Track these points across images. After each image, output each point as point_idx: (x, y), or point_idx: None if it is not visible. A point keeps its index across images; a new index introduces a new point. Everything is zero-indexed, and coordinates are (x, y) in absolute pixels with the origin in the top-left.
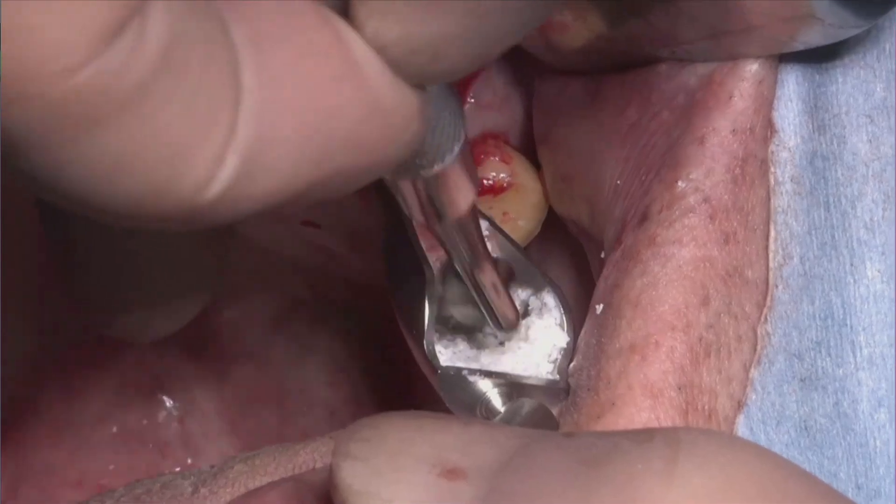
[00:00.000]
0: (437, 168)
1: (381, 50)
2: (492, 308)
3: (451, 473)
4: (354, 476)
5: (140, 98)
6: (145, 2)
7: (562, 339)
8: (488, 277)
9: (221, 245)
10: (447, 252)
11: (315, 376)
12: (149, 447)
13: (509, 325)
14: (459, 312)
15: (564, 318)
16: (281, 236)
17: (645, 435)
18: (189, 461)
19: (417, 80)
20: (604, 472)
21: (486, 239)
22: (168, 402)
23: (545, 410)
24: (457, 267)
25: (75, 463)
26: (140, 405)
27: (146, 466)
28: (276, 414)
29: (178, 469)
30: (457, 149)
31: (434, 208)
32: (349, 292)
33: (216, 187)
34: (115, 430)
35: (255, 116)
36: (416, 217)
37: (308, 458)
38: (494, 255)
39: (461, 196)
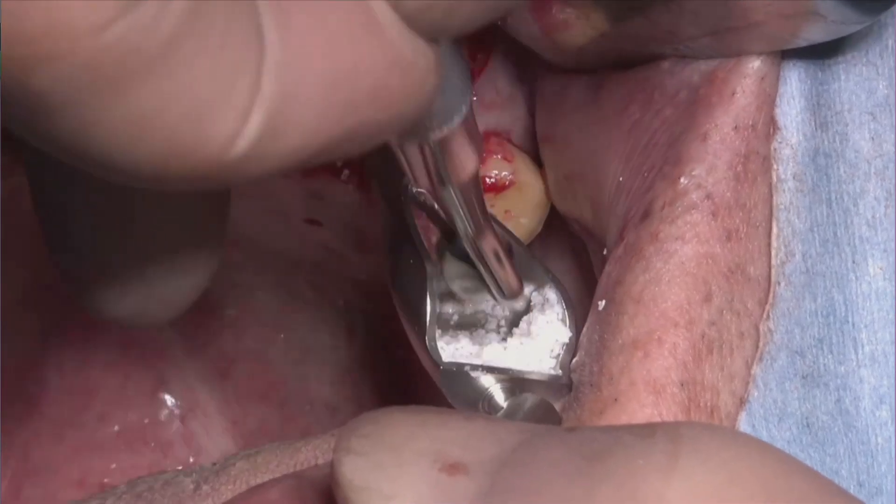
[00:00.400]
0: (445, 129)
1: (396, 6)
2: (494, 276)
3: (453, 468)
4: (355, 471)
5: (167, 55)
6: None
7: (564, 334)
8: (490, 244)
9: (218, 231)
10: (450, 220)
11: (317, 375)
12: (151, 446)
13: (512, 292)
14: (460, 287)
15: (567, 314)
16: (283, 234)
17: (647, 430)
18: (191, 460)
19: (432, 35)
20: (605, 466)
21: None
22: (170, 401)
23: (548, 406)
24: (459, 234)
25: (77, 462)
26: (142, 404)
27: (148, 465)
28: (278, 412)
29: (179, 468)
30: (464, 109)
31: (439, 174)
32: (351, 290)
33: (242, 143)
34: (116, 428)
35: (278, 72)
36: (422, 182)
37: (310, 455)
38: None
39: (466, 161)
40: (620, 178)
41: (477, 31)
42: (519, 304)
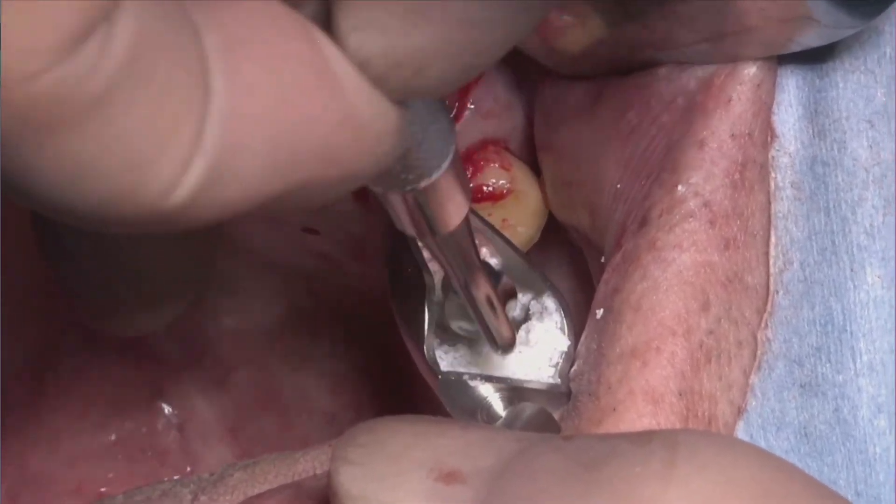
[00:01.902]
0: (424, 183)
1: (363, 63)
2: (488, 325)
3: (450, 477)
4: (353, 481)
5: (104, 103)
6: (115, 4)
7: (563, 342)
8: (482, 292)
9: (209, 240)
10: (441, 266)
11: (315, 383)
12: (148, 455)
13: (505, 343)
14: (458, 326)
15: (565, 322)
16: (280, 243)
17: (644, 437)
18: (188, 469)
19: (401, 95)
20: (602, 474)
21: (486, 243)
22: (167, 410)
23: (546, 415)
24: (452, 282)
25: (74, 471)
26: (139, 413)
27: (145, 474)
28: (276, 421)
29: (177, 477)
30: (445, 165)
31: (426, 222)
32: (349, 299)
33: (182, 192)
34: (114, 437)
35: (223, 122)
36: (408, 230)
37: (308, 465)
38: (495, 259)
39: (452, 209)
40: (618, 185)
41: None
42: (516, 313)
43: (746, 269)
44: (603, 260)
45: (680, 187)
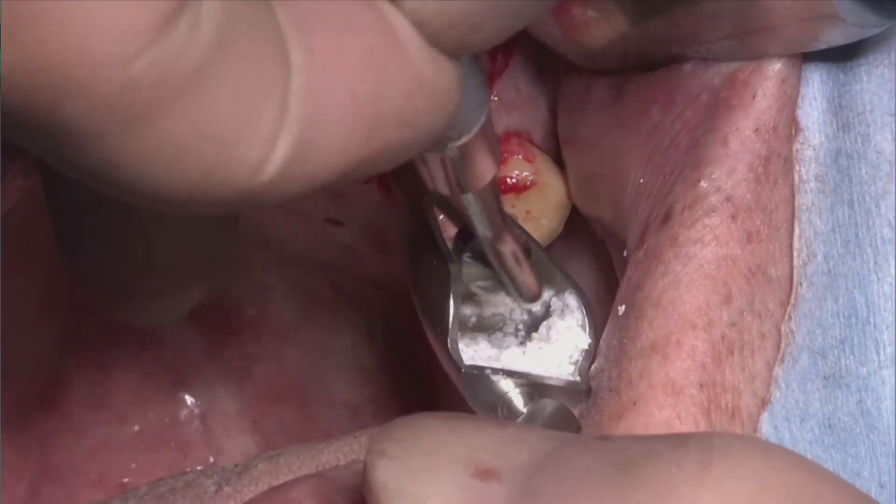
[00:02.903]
0: (464, 139)
1: (419, 24)
2: (513, 279)
3: (485, 474)
4: (388, 474)
5: (196, 82)
6: None
7: (583, 340)
8: (509, 248)
9: (225, 228)
10: (469, 225)
11: (337, 375)
12: (170, 446)
13: (531, 295)
14: (479, 287)
15: (586, 320)
16: (302, 234)
17: (680, 439)
18: (211, 460)
19: (454, 52)
20: (637, 475)
21: None
22: (189, 401)
23: (566, 411)
24: (479, 238)
25: (97, 462)
26: (162, 404)
27: (168, 465)
28: (298, 412)
29: (199, 467)
30: (483, 118)
31: (458, 181)
32: (371, 291)
33: (271, 168)
34: (136, 428)
35: (305, 95)
36: (442, 189)
37: (331, 457)
38: None
39: (485, 167)
40: (641, 180)
41: None
42: (537, 308)
43: (770, 261)
44: (626, 254)
45: (702, 183)
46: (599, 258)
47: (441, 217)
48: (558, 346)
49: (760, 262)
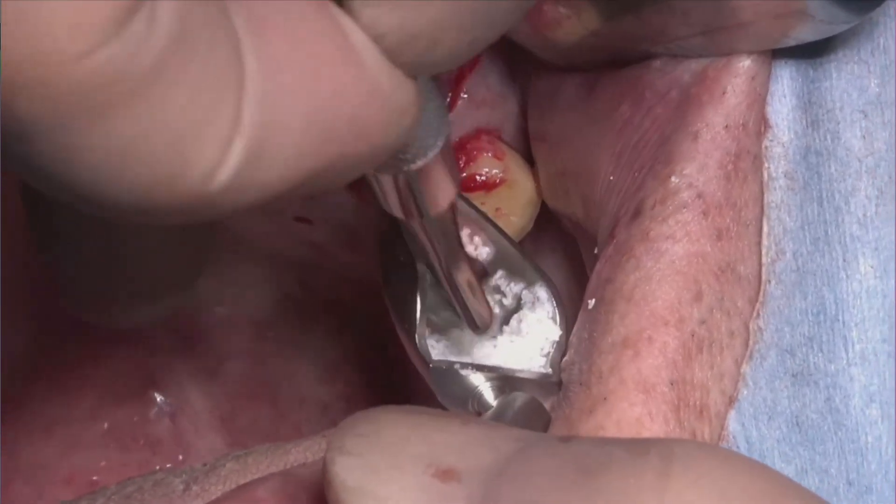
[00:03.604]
0: (419, 163)
1: (377, 38)
2: (467, 308)
3: (446, 475)
4: (349, 471)
5: (151, 82)
6: None
7: (554, 332)
8: (464, 276)
9: (204, 232)
10: (423, 250)
11: (307, 373)
12: (140, 444)
13: (484, 324)
14: (438, 316)
15: (557, 312)
16: (272, 232)
17: (641, 446)
18: (180, 458)
19: (413, 69)
20: (598, 482)
21: (478, 232)
22: (159, 399)
23: (537, 404)
24: (433, 265)
25: (66, 459)
26: (131, 402)
27: (137, 463)
28: (269, 411)
29: (169, 466)
30: (440, 144)
31: (415, 204)
32: (341, 288)
33: (223, 175)
34: (106, 426)
35: (259, 100)
36: (396, 212)
37: (300, 456)
38: (487, 247)
39: (442, 192)
40: (612, 177)
41: None
42: (508, 302)
43: (739, 259)
44: (596, 251)
45: (673, 178)
46: (570, 255)
47: None
48: (529, 338)
49: (730, 259)
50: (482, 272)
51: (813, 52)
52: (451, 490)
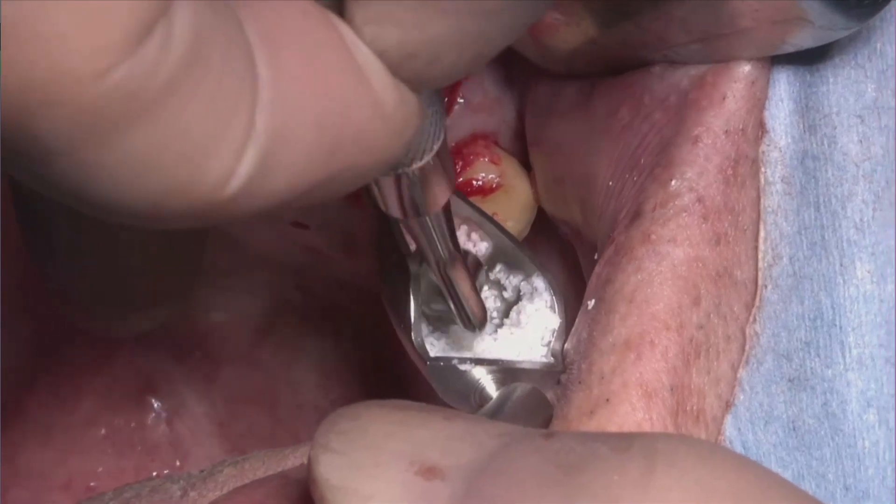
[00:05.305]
0: (418, 164)
1: (379, 54)
2: (462, 306)
3: (429, 472)
4: (332, 469)
5: (167, 96)
6: (171, 1)
7: (553, 321)
8: (459, 274)
9: (198, 242)
10: (419, 248)
11: (304, 378)
12: (137, 449)
13: (478, 321)
14: (437, 314)
15: (555, 301)
16: (269, 237)
17: (624, 442)
18: (178, 463)
19: (414, 84)
20: (581, 479)
21: (475, 228)
22: (156, 405)
23: (538, 394)
24: (430, 263)
25: (64, 465)
26: (129, 407)
27: (135, 468)
28: (266, 416)
29: (166, 471)
30: (437, 147)
31: (413, 204)
32: (338, 293)
33: (235, 182)
34: (103, 432)
35: (271, 110)
36: (394, 212)
37: (297, 461)
38: (485, 242)
39: (439, 192)
40: (610, 182)
41: None
42: (508, 294)
43: (736, 263)
44: (595, 256)
45: (674, 182)
46: (567, 260)
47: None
48: (529, 329)
49: (727, 264)
50: (478, 266)
51: (810, 56)
52: (434, 487)
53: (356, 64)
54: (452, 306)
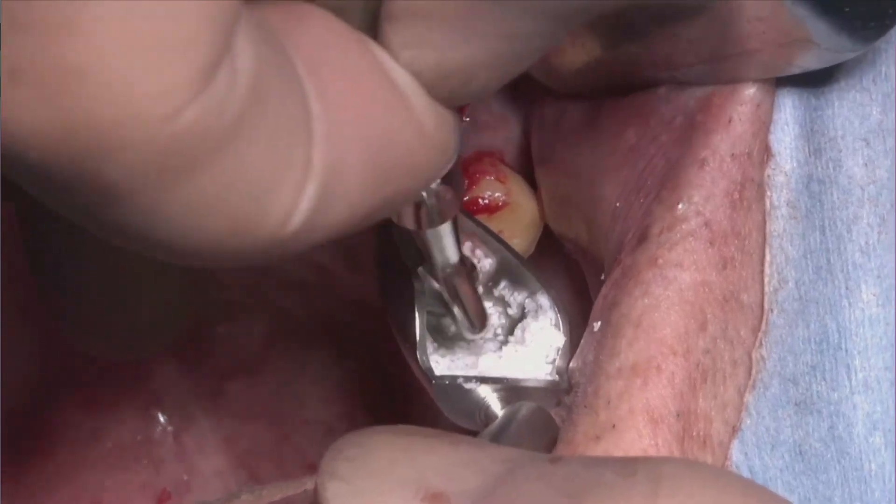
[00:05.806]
0: (434, 184)
1: (415, 75)
2: (466, 310)
3: (435, 498)
4: (338, 497)
5: (234, 135)
6: (233, 38)
7: (558, 339)
8: (465, 282)
9: (203, 278)
10: (428, 258)
11: (310, 392)
12: (143, 463)
13: (480, 324)
14: (442, 331)
15: (560, 318)
16: None
17: (629, 467)
18: (185, 477)
19: (448, 102)
20: None
21: (480, 245)
22: (163, 419)
23: (544, 414)
24: (436, 273)
25: (70, 480)
26: (135, 421)
27: (141, 482)
28: (271, 430)
29: (172, 485)
30: (454, 160)
31: (428, 215)
32: (343, 309)
33: (297, 219)
34: (110, 445)
35: (326, 144)
36: (408, 224)
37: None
38: (489, 259)
39: (450, 205)
40: (617, 203)
41: None
42: (513, 311)
43: (742, 288)
44: (602, 277)
45: (681, 206)
46: (572, 278)
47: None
48: (533, 347)
49: (734, 288)
50: (481, 279)
51: (815, 80)
52: None
53: (396, 88)
54: (456, 311)
